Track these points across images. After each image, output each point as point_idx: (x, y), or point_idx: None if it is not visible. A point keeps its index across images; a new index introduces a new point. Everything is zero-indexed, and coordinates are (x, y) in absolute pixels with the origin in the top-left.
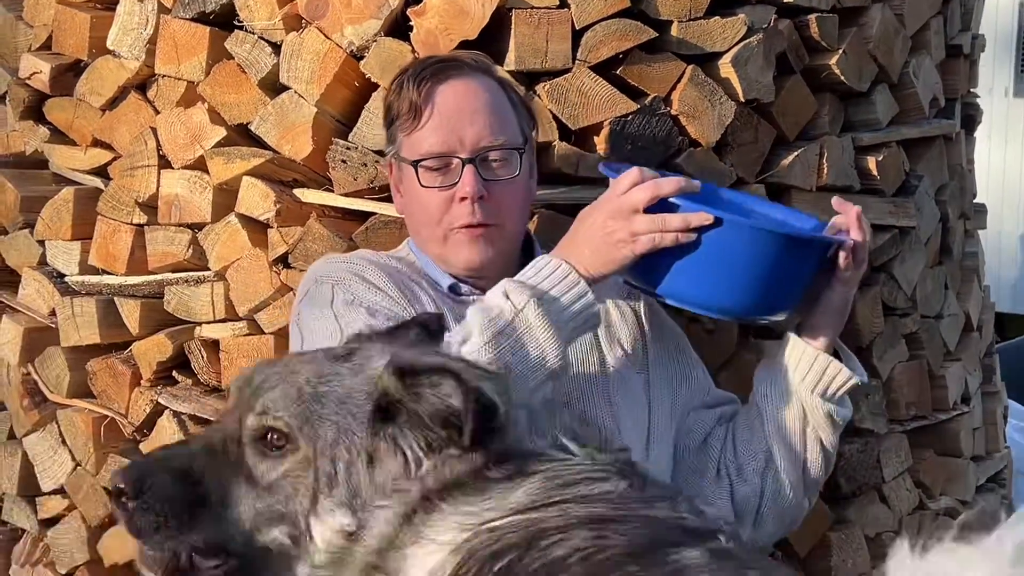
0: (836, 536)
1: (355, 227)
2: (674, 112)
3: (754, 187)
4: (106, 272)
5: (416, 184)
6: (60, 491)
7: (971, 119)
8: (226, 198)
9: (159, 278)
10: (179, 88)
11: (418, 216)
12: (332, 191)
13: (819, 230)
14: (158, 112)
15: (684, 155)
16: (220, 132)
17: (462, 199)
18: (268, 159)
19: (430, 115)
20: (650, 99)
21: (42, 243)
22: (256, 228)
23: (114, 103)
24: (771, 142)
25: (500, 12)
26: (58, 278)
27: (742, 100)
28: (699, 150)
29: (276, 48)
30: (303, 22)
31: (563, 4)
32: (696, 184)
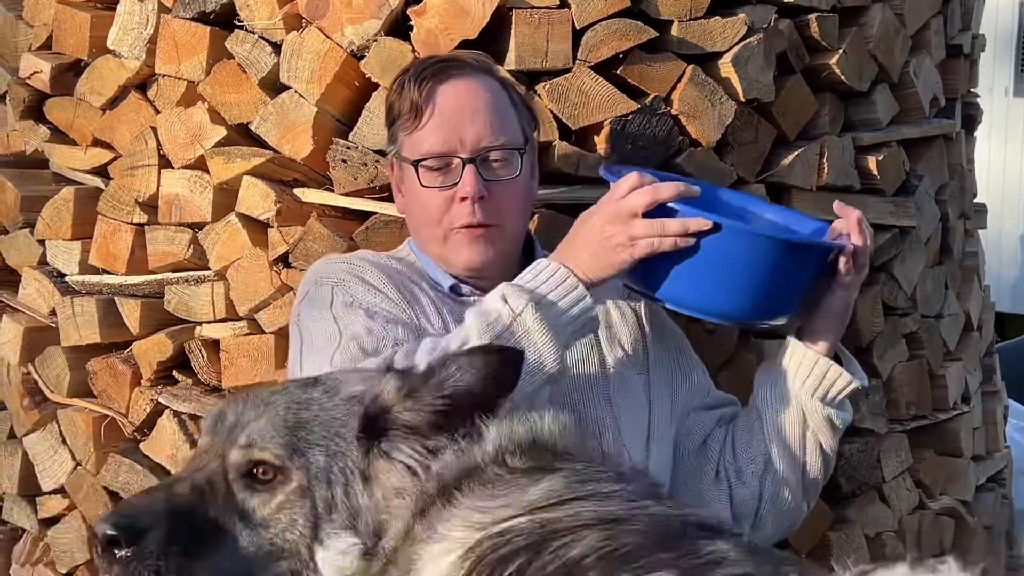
0: (836, 536)
1: (355, 227)
2: (674, 112)
3: (754, 187)
4: (106, 272)
5: (417, 184)
6: (60, 491)
7: (971, 119)
8: (226, 198)
9: (159, 278)
10: (179, 88)
11: (419, 216)
12: (332, 191)
13: (820, 233)
14: (158, 112)
15: (684, 155)
16: (220, 132)
17: (462, 199)
18: (268, 159)
19: (431, 115)
20: (650, 99)
21: (42, 243)
22: (256, 228)
23: (114, 103)
24: (771, 142)
25: (500, 12)
26: (58, 278)
27: (742, 100)
28: (699, 150)
29: (276, 48)
30: (303, 22)
31: (563, 4)
32: (696, 189)
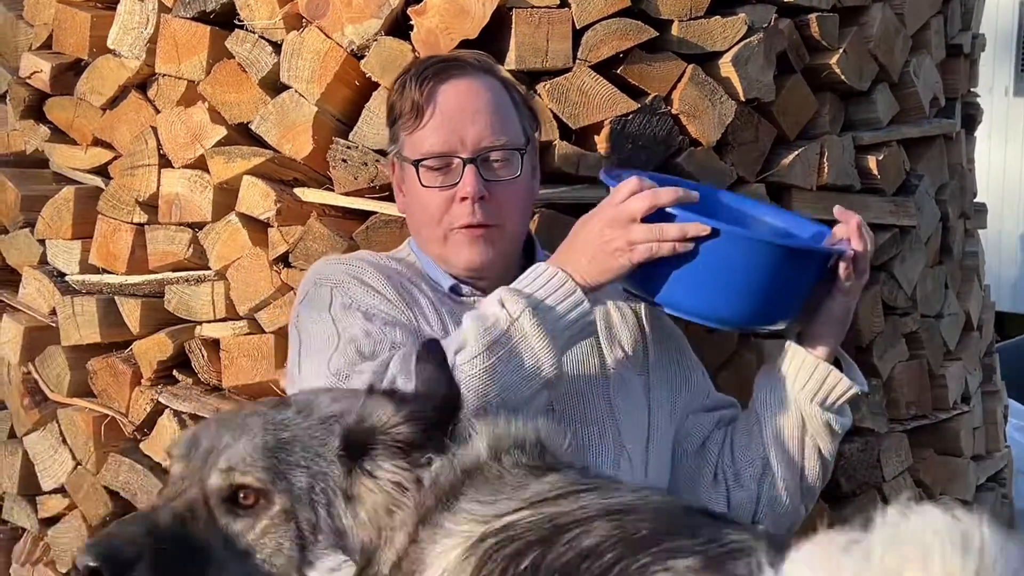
0: None
1: (355, 226)
2: (675, 111)
3: (754, 186)
4: (106, 271)
5: (417, 184)
6: (60, 490)
7: (971, 118)
8: (226, 197)
9: (159, 277)
10: (179, 87)
11: (419, 216)
12: (332, 190)
13: (821, 237)
14: (158, 111)
15: (685, 154)
16: (220, 131)
17: (463, 199)
18: (268, 158)
19: (432, 114)
20: (651, 98)
21: (43, 242)
22: (256, 227)
23: (114, 102)
24: (771, 141)
25: (501, 11)
26: (59, 277)
27: (743, 99)
28: (699, 149)
29: (277, 47)
30: (304, 21)
31: (564, 3)
32: (695, 195)
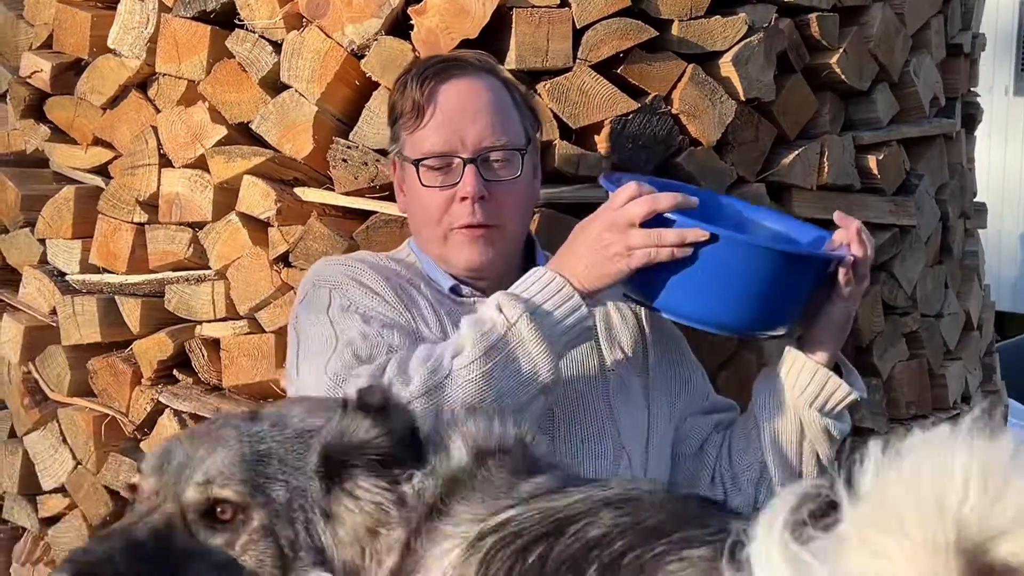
0: None
1: (356, 226)
2: (675, 111)
3: (755, 186)
4: (107, 271)
5: (418, 183)
6: (61, 490)
7: (971, 118)
8: (227, 197)
9: (160, 277)
10: (180, 87)
11: (419, 215)
12: (333, 190)
13: (821, 242)
14: (159, 111)
15: (685, 154)
16: (221, 131)
17: (462, 199)
18: (269, 158)
19: (432, 114)
20: (651, 98)
21: (43, 242)
22: (257, 227)
23: (115, 102)
24: (772, 141)
25: (501, 11)
26: (59, 277)
27: (743, 99)
28: (700, 149)
29: (277, 47)
30: (304, 21)
31: (564, 3)
32: (694, 200)
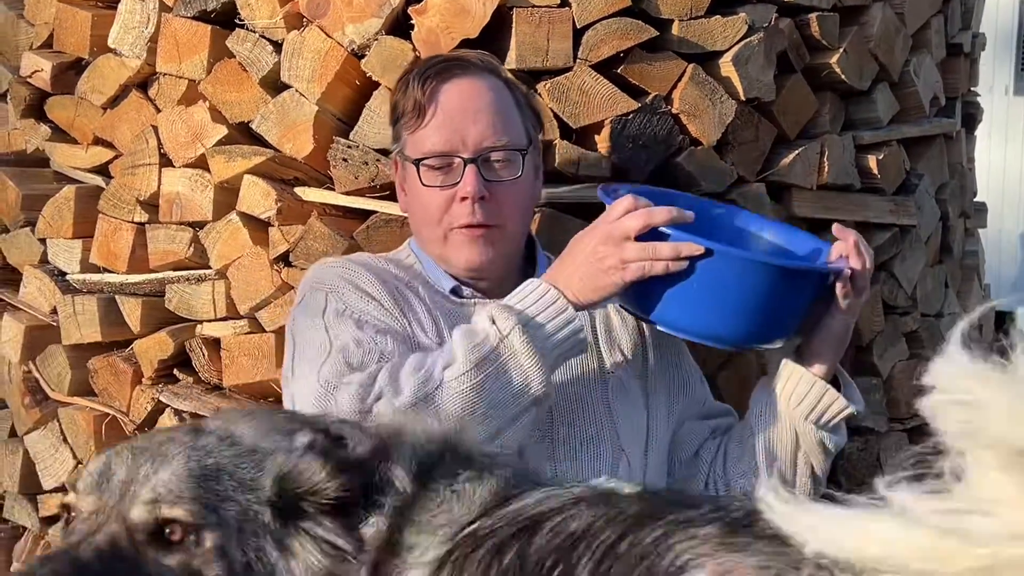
0: None
1: (356, 225)
2: (675, 111)
3: (755, 186)
4: (107, 270)
5: (418, 183)
6: (61, 489)
7: (971, 118)
8: (227, 196)
9: (160, 276)
10: (180, 86)
11: (419, 215)
12: (333, 189)
13: (819, 253)
14: (159, 110)
15: (685, 154)
16: (221, 130)
17: (463, 199)
18: (269, 157)
19: (433, 114)
20: (651, 98)
21: (43, 241)
22: (257, 226)
23: (115, 101)
24: (772, 141)
25: (501, 11)
26: (59, 276)
27: (743, 99)
28: (700, 149)
29: (277, 47)
30: (304, 21)
31: (564, 3)
32: (689, 215)
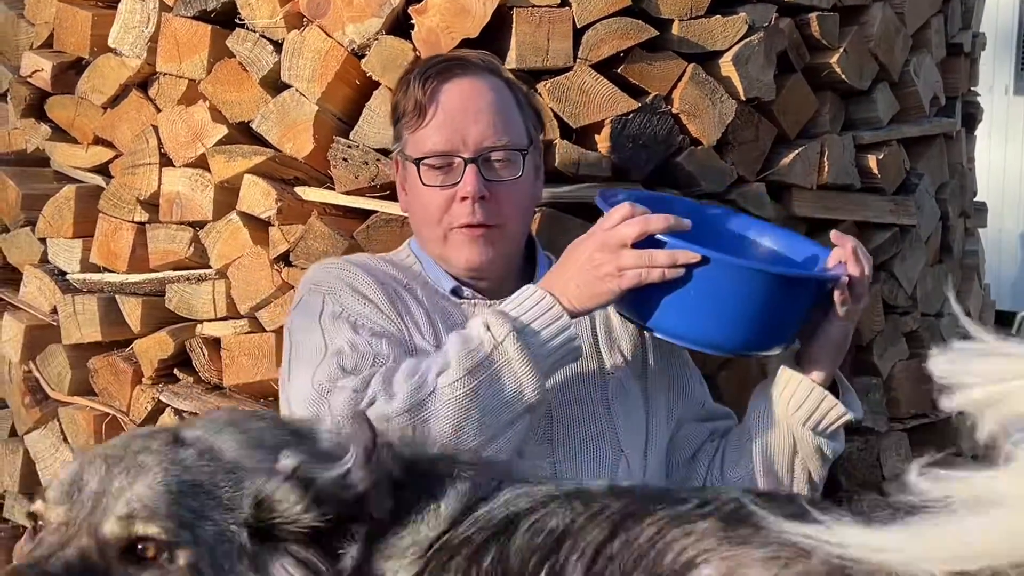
0: None
1: (356, 225)
2: (675, 110)
3: (755, 185)
4: (107, 270)
5: (419, 182)
6: None
7: (971, 117)
8: (227, 196)
9: (160, 276)
10: (180, 86)
11: (420, 215)
12: (333, 189)
13: (818, 259)
14: (159, 110)
15: (685, 153)
16: (221, 130)
17: (463, 199)
18: (269, 157)
19: (434, 113)
20: (651, 97)
21: (43, 241)
22: (257, 226)
23: (115, 101)
24: (772, 140)
25: (501, 10)
26: (59, 276)
27: (743, 98)
28: (700, 148)
29: (277, 46)
30: (304, 20)
31: (564, 2)
32: (686, 223)
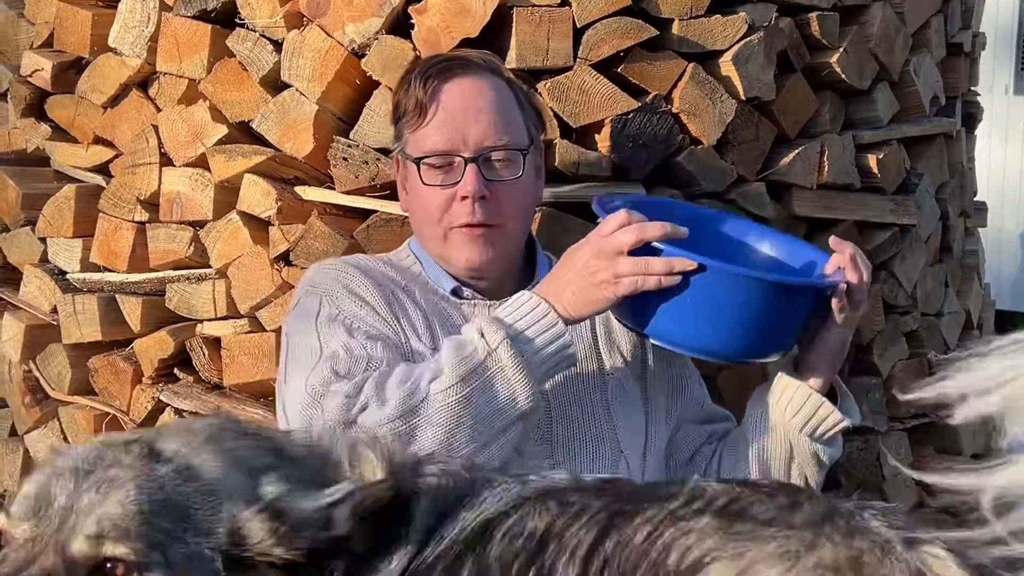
0: None
1: (356, 225)
2: (675, 110)
3: (755, 185)
4: (108, 269)
5: (419, 182)
6: None
7: (971, 117)
8: (227, 196)
9: (160, 275)
10: (180, 86)
11: (420, 214)
12: (333, 189)
13: (816, 264)
14: (159, 110)
15: (685, 153)
16: (221, 130)
17: (463, 198)
18: (269, 157)
19: (435, 113)
20: (651, 97)
21: (44, 240)
22: (257, 225)
23: (115, 101)
24: (772, 140)
25: (501, 10)
26: (60, 275)
27: (743, 98)
28: (700, 148)
29: (277, 46)
30: (304, 20)
31: (564, 2)
32: (683, 230)
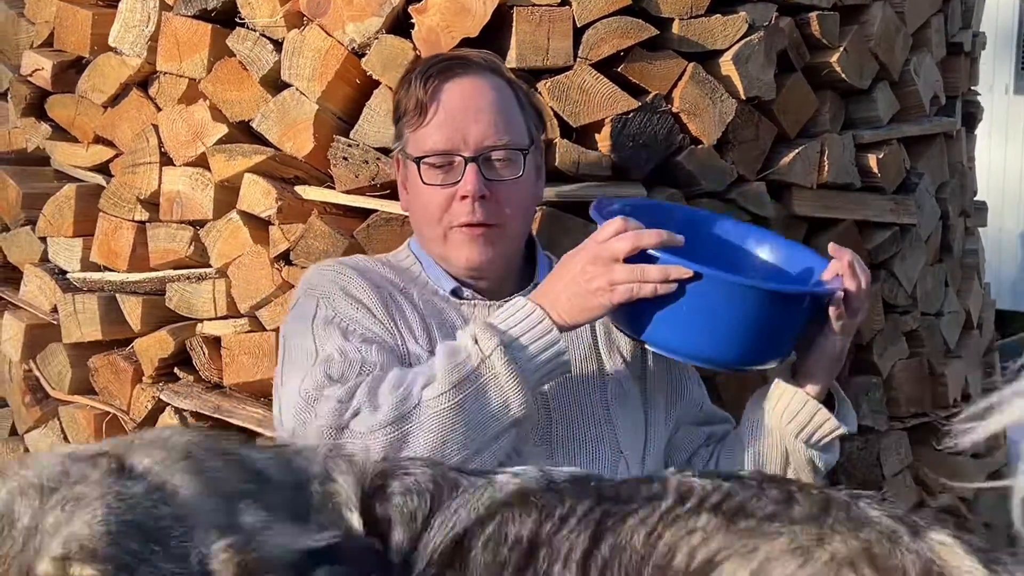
0: None
1: (356, 224)
2: (675, 110)
3: (755, 184)
4: (108, 269)
5: (419, 181)
6: None
7: (972, 117)
8: (228, 195)
9: (161, 275)
10: (181, 85)
11: (420, 213)
12: (333, 188)
13: (815, 270)
14: (160, 109)
15: (685, 153)
16: (222, 129)
17: (463, 198)
18: (269, 156)
19: (435, 112)
20: (651, 97)
21: (44, 240)
22: (257, 225)
23: (116, 100)
24: (772, 140)
25: (501, 9)
26: (60, 275)
27: (743, 98)
28: (700, 148)
29: (278, 45)
30: (305, 19)
31: (564, 2)
32: (679, 238)
